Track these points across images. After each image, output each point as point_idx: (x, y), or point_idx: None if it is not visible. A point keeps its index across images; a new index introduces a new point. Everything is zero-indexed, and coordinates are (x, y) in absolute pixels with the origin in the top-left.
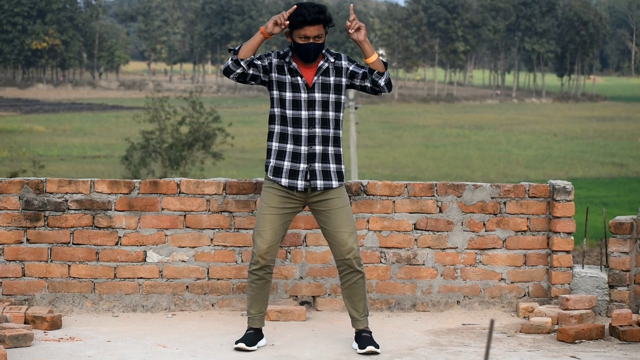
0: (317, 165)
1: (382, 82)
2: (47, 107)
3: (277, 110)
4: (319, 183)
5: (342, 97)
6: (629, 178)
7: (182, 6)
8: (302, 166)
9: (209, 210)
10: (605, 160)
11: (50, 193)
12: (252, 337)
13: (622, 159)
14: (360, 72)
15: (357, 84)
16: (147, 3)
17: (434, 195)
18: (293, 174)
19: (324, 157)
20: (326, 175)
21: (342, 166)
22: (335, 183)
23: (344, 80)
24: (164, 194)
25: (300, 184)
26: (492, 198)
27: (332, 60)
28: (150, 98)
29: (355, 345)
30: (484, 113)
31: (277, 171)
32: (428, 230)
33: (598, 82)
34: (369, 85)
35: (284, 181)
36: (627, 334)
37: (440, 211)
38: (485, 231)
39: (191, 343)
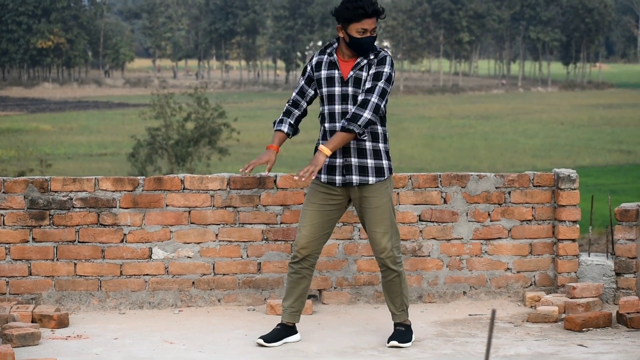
0: (354, 160)
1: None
2: (53, 105)
3: (321, 108)
4: (355, 178)
5: None
6: (636, 165)
7: (186, 2)
8: (339, 161)
9: (213, 206)
10: (612, 148)
11: (55, 192)
12: (276, 332)
13: (630, 146)
14: (366, 86)
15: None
16: (151, 0)
17: (438, 187)
18: (331, 169)
19: (360, 152)
20: (363, 170)
21: (383, 162)
22: (372, 179)
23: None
24: (168, 190)
25: (339, 179)
26: (496, 188)
27: (372, 57)
28: (156, 95)
29: (391, 342)
30: (489, 103)
31: None
32: (433, 222)
33: (604, 70)
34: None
35: (323, 177)
36: (634, 321)
37: (445, 202)
38: (491, 221)
39: (198, 339)
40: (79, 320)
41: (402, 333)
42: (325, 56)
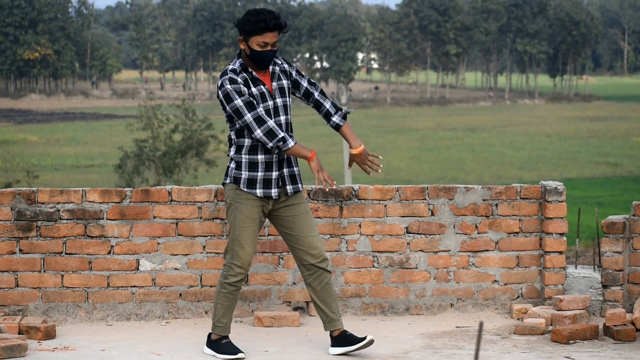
0: (286, 171)
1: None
2: (40, 117)
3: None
4: (289, 188)
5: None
6: (623, 177)
7: (173, 14)
8: (275, 174)
9: (200, 218)
10: (599, 160)
11: (42, 203)
12: (234, 345)
13: (616, 158)
14: (304, 86)
15: (298, 96)
16: (139, 11)
17: (425, 199)
18: (267, 183)
19: (289, 162)
20: (293, 179)
21: (299, 168)
22: (301, 186)
23: (289, 82)
24: (155, 202)
25: (274, 191)
26: (483, 200)
27: (279, 62)
28: (143, 106)
29: (338, 350)
30: (477, 115)
31: (251, 183)
32: (420, 234)
33: (591, 82)
34: (311, 105)
35: (259, 192)
36: (621, 334)
37: (432, 214)
38: (478, 233)
39: (185, 350)
40: (66, 332)
41: (356, 336)
42: (244, 74)
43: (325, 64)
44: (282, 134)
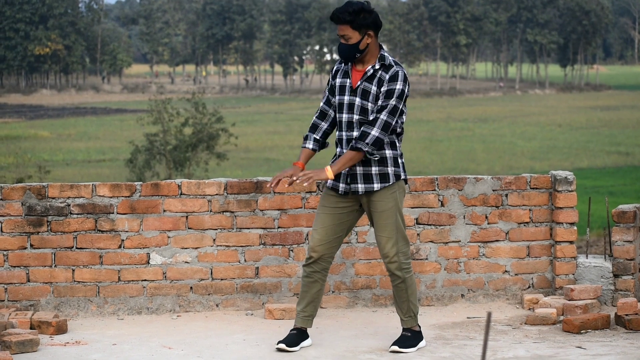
0: (359, 169)
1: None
2: (52, 112)
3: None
4: (360, 187)
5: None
6: (634, 167)
7: (183, 8)
8: (346, 170)
9: (210, 211)
10: (610, 150)
11: (53, 198)
12: (294, 337)
13: (628, 147)
14: (378, 103)
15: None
16: (148, 5)
17: (435, 190)
18: (337, 176)
19: (366, 161)
20: (367, 178)
21: (388, 168)
22: (376, 186)
23: (378, 90)
24: (165, 195)
25: (341, 187)
26: (493, 190)
27: (378, 67)
28: (153, 100)
29: (410, 350)
30: (487, 106)
31: None
32: (430, 225)
33: (601, 72)
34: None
35: (330, 182)
36: (632, 323)
37: (442, 205)
38: (488, 224)
39: (196, 344)
40: (78, 326)
41: (407, 338)
42: (343, 64)
43: (335, 56)
44: (307, 133)
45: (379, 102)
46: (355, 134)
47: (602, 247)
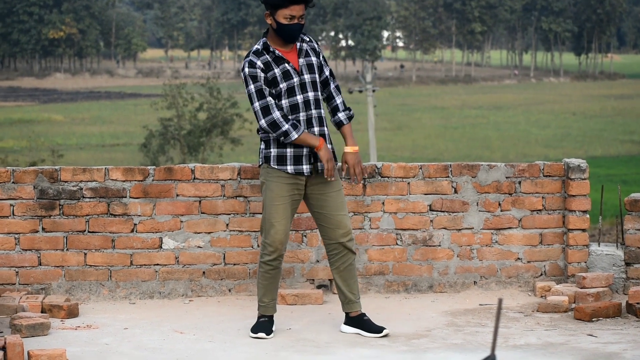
0: None
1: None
2: (65, 96)
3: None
4: (320, 164)
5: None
6: None
7: None
8: (305, 150)
9: (224, 196)
10: (624, 138)
11: (65, 181)
12: (268, 324)
13: None
14: (325, 74)
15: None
16: None
17: (448, 176)
18: (297, 159)
19: (323, 139)
20: None
21: (334, 146)
22: (337, 163)
23: (319, 61)
24: (178, 180)
25: (306, 168)
26: (506, 178)
27: (308, 40)
28: (168, 85)
29: (350, 329)
30: (502, 93)
31: (281, 159)
32: (443, 211)
33: (616, 60)
34: (324, 95)
35: (290, 168)
36: None
37: (455, 192)
38: (501, 211)
39: (208, 329)
40: (89, 310)
41: (374, 323)
42: (267, 55)
43: (350, 42)
44: (285, 127)
45: (325, 71)
46: (314, 112)
47: (614, 235)
